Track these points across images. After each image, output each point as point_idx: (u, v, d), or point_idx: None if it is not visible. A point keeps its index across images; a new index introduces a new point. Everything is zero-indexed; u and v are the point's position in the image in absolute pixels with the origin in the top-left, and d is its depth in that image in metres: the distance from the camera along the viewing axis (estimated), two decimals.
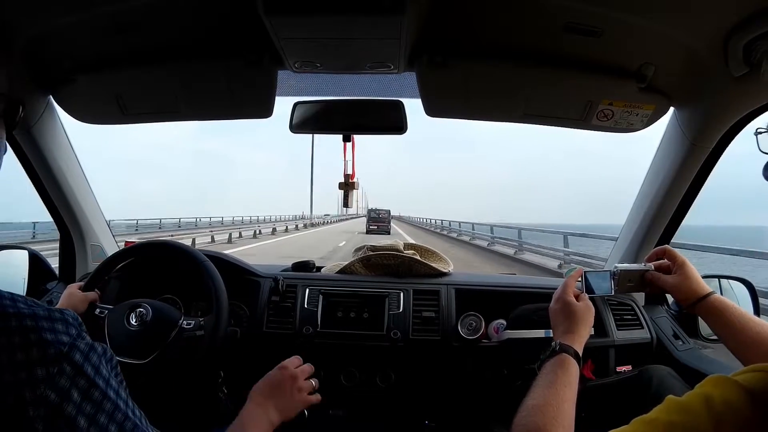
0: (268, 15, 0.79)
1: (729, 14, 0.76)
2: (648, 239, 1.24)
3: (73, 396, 0.40)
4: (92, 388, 0.41)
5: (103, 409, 0.41)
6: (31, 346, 0.39)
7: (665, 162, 1.13)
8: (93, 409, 0.41)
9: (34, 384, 0.38)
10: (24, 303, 0.41)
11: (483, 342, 1.15)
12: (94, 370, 0.42)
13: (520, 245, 13.11)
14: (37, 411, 0.38)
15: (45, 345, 0.39)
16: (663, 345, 1.17)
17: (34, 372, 0.38)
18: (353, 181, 1.20)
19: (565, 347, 0.74)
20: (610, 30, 0.87)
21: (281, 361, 0.85)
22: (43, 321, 0.40)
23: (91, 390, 0.41)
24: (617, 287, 0.90)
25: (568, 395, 0.66)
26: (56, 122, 1.17)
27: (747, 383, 0.38)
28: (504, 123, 1.21)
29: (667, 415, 0.41)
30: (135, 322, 0.98)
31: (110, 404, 0.42)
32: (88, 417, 0.40)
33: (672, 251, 0.87)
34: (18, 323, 0.39)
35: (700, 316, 0.82)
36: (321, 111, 1.14)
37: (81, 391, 0.40)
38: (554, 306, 0.83)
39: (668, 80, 0.99)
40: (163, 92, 1.10)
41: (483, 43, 0.97)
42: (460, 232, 22.02)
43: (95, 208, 1.37)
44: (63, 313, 0.42)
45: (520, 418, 0.64)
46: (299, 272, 1.36)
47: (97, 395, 0.41)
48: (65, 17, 0.87)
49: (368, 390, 1.19)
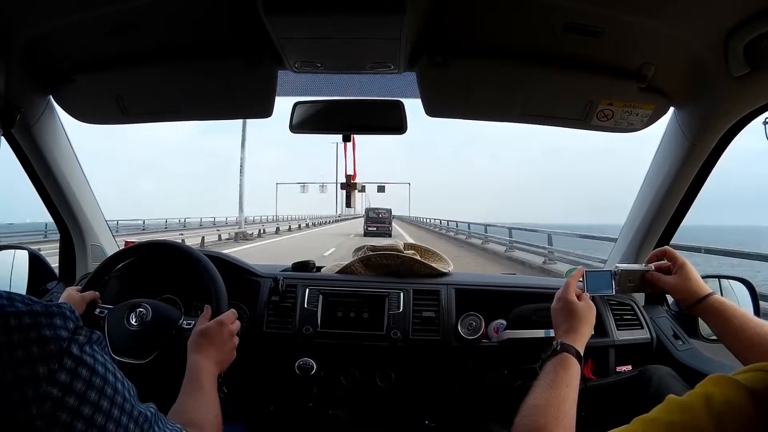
0: (268, 15, 0.79)
1: (729, 14, 0.76)
2: (648, 239, 1.24)
3: (75, 387, 0.41)
4: (93, 376, 0.42)
5: (105, 393, 0.43)
6: (31, 344, 0.39)
7: (665, 162, 1.13)
8: (96, 396, 0.42)
9: (37, 381, 0.39)
10: (21, 301, 0.41)
11: (483, 342, 1.15)
12: (92, 358, 0.43)
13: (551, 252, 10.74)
14: (40, 407, 0.38)
15: (45, 341, 0.40)
16: (663, 345, 1.17)
17: (35, 369, 0.39)
18: (355, 181, 1.20)
19: (566, 347, 0.74)
20: (610, 30, 0.87)
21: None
22: (42, 317, 0.41)
23: (93, 378, 0.42)
24: (618, 287, 0.90)
25: (569, 395, 0.66)
26: (56, 122, 1.17)
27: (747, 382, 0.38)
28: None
29: (667, 415, 0.41)
30: (135, 322, 0.98)
31: (110, 388, 0.43)
32: (92, 404, 0.41)
33: (672, 252, 0.87)
34: (17, 321, 0.39)
35: (700, 316, 0.82)
36: (321, 111, 1.14)
37: (83, 381, 0.41)
38: (556, 305, 0.83)
39: (668, 80, 0.99)
40: (163, 92, 1.10)
41: (483, 43, 0.97)
42: (469, 234, 19.88)
43: (95, 208, 1.37)
44: (60, 307, 0.43)
45: (521, 417, 0.64)
46: (299, 272, 1.36)
47: (98, 382, 0.42)
48: (65, 17, 0.87)
49: (368, 390, 1.19)
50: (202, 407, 0.71)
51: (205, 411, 0.71)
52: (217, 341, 0.85)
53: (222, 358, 0.84)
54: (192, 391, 0.74)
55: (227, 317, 0.89)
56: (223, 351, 0.85)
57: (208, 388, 0.76)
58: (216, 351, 0.83)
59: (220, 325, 0.87)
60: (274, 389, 1.22)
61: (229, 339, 0.87)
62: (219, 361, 0.83)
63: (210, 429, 0.68)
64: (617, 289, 0.90)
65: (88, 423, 0.41)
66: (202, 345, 0.83)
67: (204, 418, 0.68)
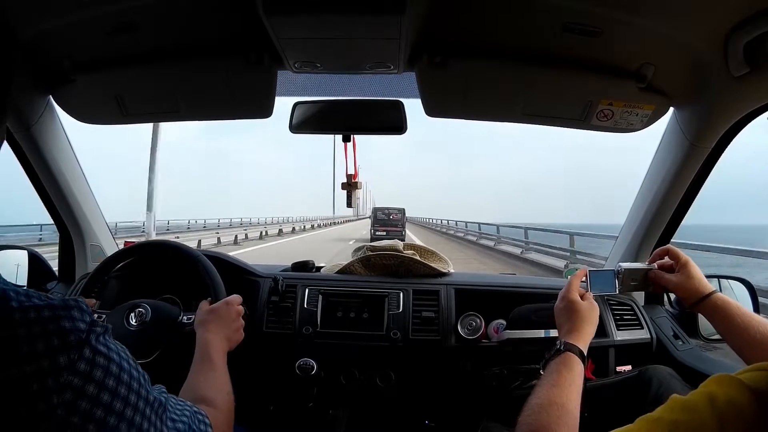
0: (268, 15, 0.79)
1: (729, 14, 0.76)
2: (648, 239, 1.24)
3: (95, 376, 0.42)
4: (111, 363, 0.44)
5: (122, 380, 0.44)
6: (50, 335, 0.40)
7: (665, 162, 1.13)
8: (114, 383, 0.43)
9: (58, 371, 0.40)
10: (38, 297, 0.42)
11: (483, 342, 1.15)
12: (107, 348, 0.44)
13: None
14: (61, 397, 0.39)
15: (64, 333, 0.41)
16: (663, 345, 1.17)
17: (56, 360, 0.40)
18: (356, 181, 1.19)
19: (569, 346, 0.74)
20: (609, 30, 0.87)
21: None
22: (60, 310, 0.42)
23: (110, 366, 0.43)
24: (621, 286, 0.90)
25: (572, 394, 0.66)
26: (56, 122, 1.17)
27: (751, 382, 0.38)
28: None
29: (671, 414, 0.41)
30: (135, 322, 0.98)
31: (126, 375, 0.45)
32: (110, 391, 0.43)
33: (675, 250, 0.87)
34: (36, 314, 0.40)
35: (703, 314, 0.82)
36: (321, 111, 1.14)
37: (102, 369, 0.43)
38: (559, 304, 0.83)
39: (668, 80, 0.99)
40: (163, 92, 1.10)
41: (483, 43, 0.97)
42: (479, 234, 19.00)
43: (95, 208, 1.37)
44: (77, 300, 0.44)
45: (524, 417, 0.64)
46: (299, 272, 1.36)
47: (115, 369, 0.44)
48: (65, 17, 0.87)
49: (368, 390, 1.19)
50: (213, 384, 0.71)
51: (218, 388, 0.71)
52: (226, 318, 0.86)
53: (230, 335, 0.85)
54: (203, 368, 0.74)
55: (233, 298, 0.91)
56: (231, 328, 0.86)
57: (218, 364, 0.76)
58: (225, 327, 0.85)
59: (227, 303, 0.89)
60: (274, 389, 1.22)
61: (237, 317, 0.88)
62: (228, 337, 0.84)
63: (223, 405, 0.67)
64: (620, 288, 0.90)
65: (108, 409, 0.42)
66: (211, 322, 0.84)
67: (216, 395, 0.68)
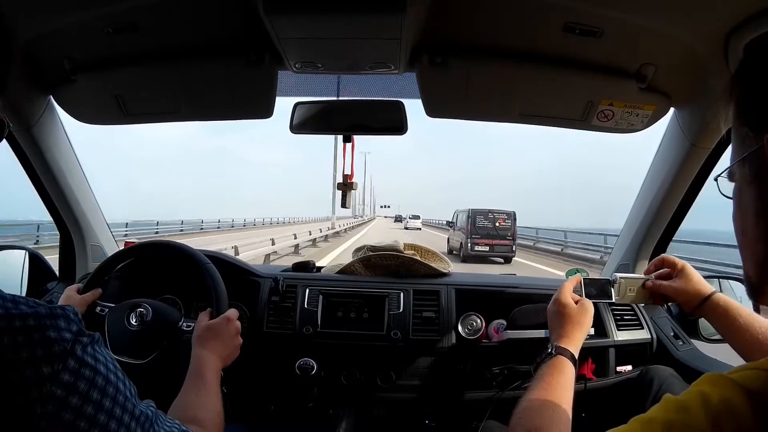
0: (268, 15, 0.79)
1: (729, 14, 0.76)
2: (648, 239, 1.24)
3: (79, 387, 0.41)
4: (96, 376, 0.43)
5: (107, 393, 0.43)
6: (35, 345, 0.40)
7: (665, 163, 1.13)
8: (99, 395, 0.42)
9: (41, 382, 0.39)
10: (26, 304, 0.41)
11: (483, 342, 1.15)
12: (95, 359, 0.43)
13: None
14: (44, 408, 0.39)
15: (49, 343, 0.40)
16: (663, 345, 1.17)
17: (39, 370, 0.39)
18: (352, 181, 1.19)
19: (561, 350, 0.74)
20: (610, 30, 0.87)
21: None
22: (46, 319, 0.41)
23: (96, 378, 0.43)
24: (618, 296, 0.90)
25: (564, 397, 0.66)
26: (56, 122, 1.17)
27: (743, 381, 0.38)
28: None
29: (664, 414, 0.41)
30: (135, 321, 0.98)
31: (112, 388, 0.44)
32: (95, 403, 0.42)
33: (670, 258, 0.87)
34: (22, 323, 0.40)
35: (705, 317, 0.82)
36: (321, 111, 1.13)
37: (87, 381, 0.42)
38: (551, 308, 0.83)
39: (668, 80, 0.99)
40: (164, 92, 1.10)
41: (483, 43, 0.97)
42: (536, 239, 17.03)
43: (95, 208, 1.37)
44: (64, 309, 0.43)
45: (517, 419, 0.64)
46: (299, 272, 1.36)
47: (101, 382, 0.43)
48: (65, 17, 0.87)
49: (368, 390, 1.19)
50: (204, 404, 0.71)
51: (208, 408, 0.70)
52: (224, 336, 0.85)
53: (227, 354, 0.84)
54: (195, 387, 0.74)
55: (232, 313, 0.90)
56: (229, 347, 0.85)
57: (211, 384, 0.76)
58: (222, 346, 0.83)
59: (227, 320, 0.87)
60: (274, 389, 1.22)
61: (235, 335, 0.87)
62: (224, 356, 0.83)
63: (212, 426, 0.67)
64: (617, 298, 0.90)
65: (91, 422, 0.41)
66: (208, 340, 0.83)
67: (206, 415, 0.68)
